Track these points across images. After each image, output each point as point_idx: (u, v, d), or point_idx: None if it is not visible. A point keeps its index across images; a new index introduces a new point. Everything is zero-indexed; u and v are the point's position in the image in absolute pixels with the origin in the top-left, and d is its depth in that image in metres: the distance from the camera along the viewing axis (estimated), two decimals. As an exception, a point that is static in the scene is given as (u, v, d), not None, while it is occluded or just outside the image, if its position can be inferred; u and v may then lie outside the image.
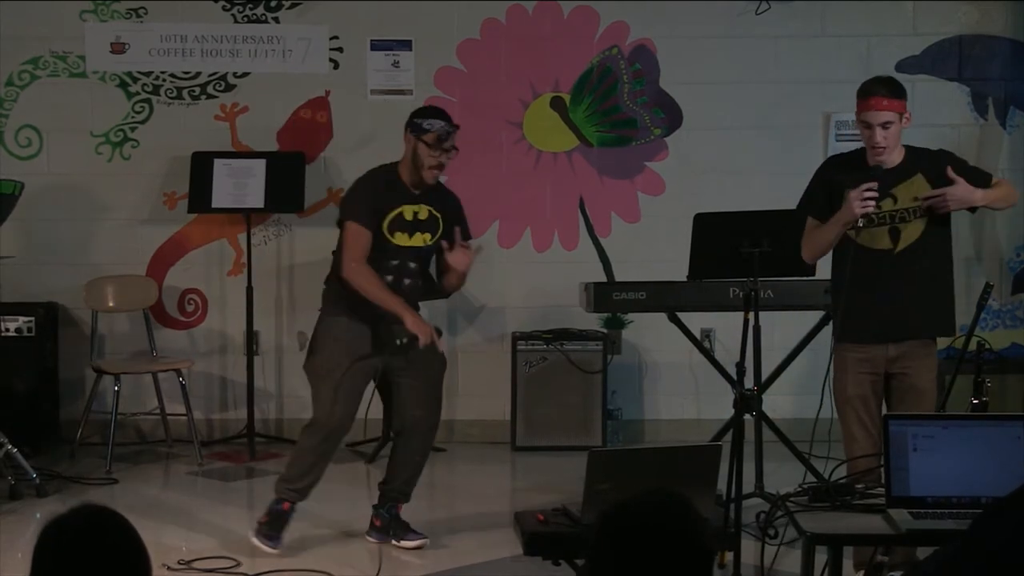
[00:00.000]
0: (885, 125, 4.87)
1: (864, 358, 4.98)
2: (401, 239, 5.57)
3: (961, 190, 4.88)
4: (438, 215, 5.64)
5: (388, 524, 5.75)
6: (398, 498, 5.77)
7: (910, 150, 5.01)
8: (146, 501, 6.42)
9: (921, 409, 4.89)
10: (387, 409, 5.79)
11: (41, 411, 7.44)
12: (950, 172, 4.90)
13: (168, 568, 5.30)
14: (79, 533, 2.36)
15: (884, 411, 5.02)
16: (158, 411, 7.59)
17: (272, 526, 5.60)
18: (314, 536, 5.80)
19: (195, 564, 5.43)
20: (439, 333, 5.56)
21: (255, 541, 5.58)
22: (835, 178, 4.98)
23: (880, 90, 4.90)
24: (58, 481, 6.73)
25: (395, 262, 5.57)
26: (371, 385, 5.69)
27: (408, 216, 5.58)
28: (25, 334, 7.37)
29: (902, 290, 4.94)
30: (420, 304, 5.75)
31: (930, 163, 4.97)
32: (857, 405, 4.98)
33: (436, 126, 5.52)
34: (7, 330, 7.34)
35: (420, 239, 5.60)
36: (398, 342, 5.45)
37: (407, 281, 5.60)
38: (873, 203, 4.80)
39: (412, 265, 5.62)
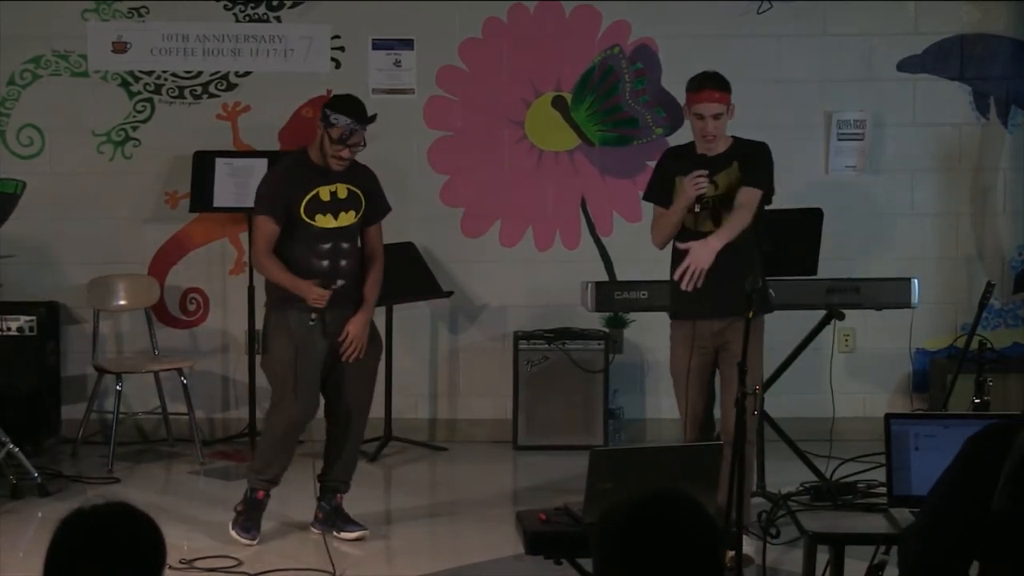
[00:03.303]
0: (716, 116, 5.28)
1: (693, 334, 5.31)
2: (325, 221, 5.51)
3: (696, 253, 5.18)
4: (357, 191, 5.59)
5: (329, 515, 5.78)
6: (338, 488, 5.79)
7: (736, 141, 5.42)
8: (148, 500, 6.40)
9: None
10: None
11: (43, 410, 7.43)
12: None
13: (170, 567, 5.27)
14: (90, 530, 2.39)
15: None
16: (160, 410, 7.59)
17: (249, 516, 5.67)
18: (315, 534, 5.79)
19: (196, 563, 5.45)
20: (332, 284, 5.46)
21: (233, 534, 5.66)
22: (670, 168, 5.41)
23: (711, 84, 5.30)
24: (60, 480, 6.73)
25: (326, 245, 5.54)
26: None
27: (325, 196, 5.51)
28: (27, 333, 7.37)
29: (722, 270, 5.19)
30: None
31: (744, 152, 5.36)
32: (689, 377, 5.33)
33: (341, 122, 5.43)
34: (9, 329, 7.34)
35: (346, 218, 5.56)
36: (311, 323, 5.47)
37: (344, 262, 5.57)
38: (705, 184, 5.19)
39: (345, 245, 5.58)
